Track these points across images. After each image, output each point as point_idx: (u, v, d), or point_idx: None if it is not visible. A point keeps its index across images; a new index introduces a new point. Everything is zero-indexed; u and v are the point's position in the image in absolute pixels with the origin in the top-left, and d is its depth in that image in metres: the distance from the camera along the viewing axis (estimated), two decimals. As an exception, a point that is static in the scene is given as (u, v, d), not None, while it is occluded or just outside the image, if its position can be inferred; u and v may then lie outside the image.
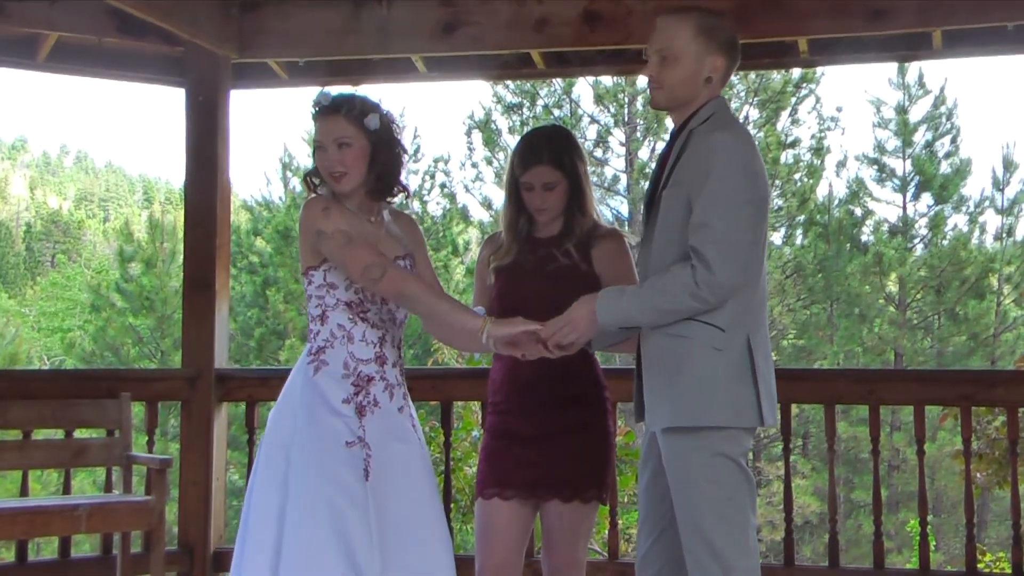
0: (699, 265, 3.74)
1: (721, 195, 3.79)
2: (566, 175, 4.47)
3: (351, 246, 4.05)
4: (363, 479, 4.00)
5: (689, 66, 3.98)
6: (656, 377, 3.96)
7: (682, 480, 3.90)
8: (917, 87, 27.43)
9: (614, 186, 27.33)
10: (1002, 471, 10.15)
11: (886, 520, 22.18)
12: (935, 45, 6.40)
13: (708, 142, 3.89)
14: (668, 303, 3.79)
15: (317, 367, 4.10)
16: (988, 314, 25.97)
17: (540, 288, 4.40)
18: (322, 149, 4.18)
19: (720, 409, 3.85)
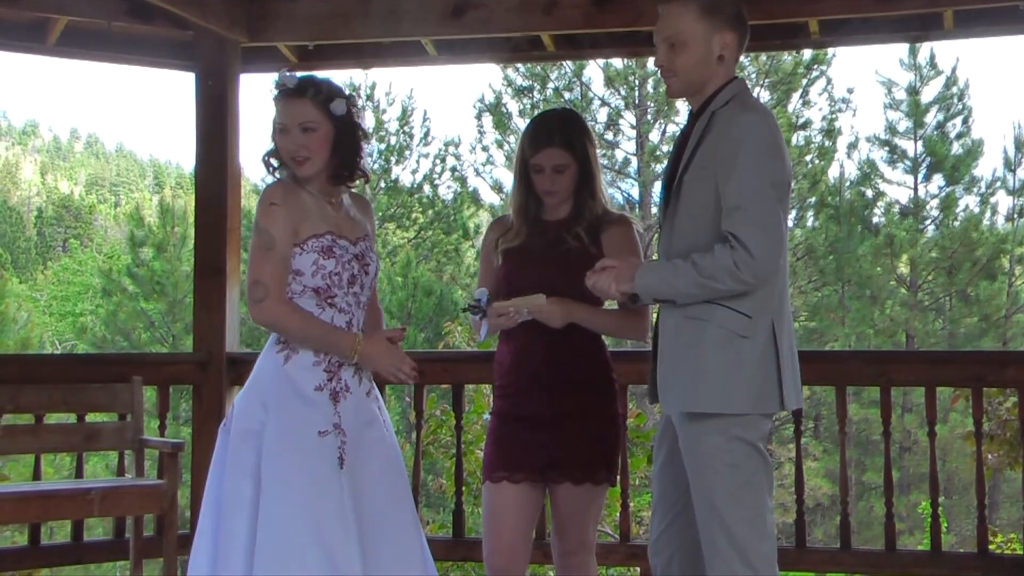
0: (739, 248, 3.71)
1: (753, 177, 3.77)
2: (576, 158, 4.46)
3: (268, 254, 4.03)
4: (337, 468, 3.98)
5: (699, 48, 3.94)
6: (676, 361, 3.93)
7: (699, 464, 3.88)
8: (928, 68, 27.36)
9: (625, 169, 27.30)
10: (1013, 452, 10.14)
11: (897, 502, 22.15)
12: (946, 25, 6.37)
13: (736, 123, 3.85)
14: (711, 282, 3.75)
15: (287, 356, 4.06)
16: (999, 295, 25.93)
17: (549, 271, 4.39)
18: (285, 131, 4.13)
19: (742, 396, 3.82)
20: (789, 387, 3.90)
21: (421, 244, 30.58)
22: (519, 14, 6.50)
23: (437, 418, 10.78)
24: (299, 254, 4.06)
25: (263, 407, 4.02)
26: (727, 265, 3.72)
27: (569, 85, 27.32)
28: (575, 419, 4.43)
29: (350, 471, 4.01)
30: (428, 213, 31.29)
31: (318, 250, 4.06)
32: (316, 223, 4.10)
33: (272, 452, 3.96)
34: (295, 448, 3.96)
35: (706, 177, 3.86)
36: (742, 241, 3.71)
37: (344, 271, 4.11)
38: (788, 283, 4.09)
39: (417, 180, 31.32)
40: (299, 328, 4.05)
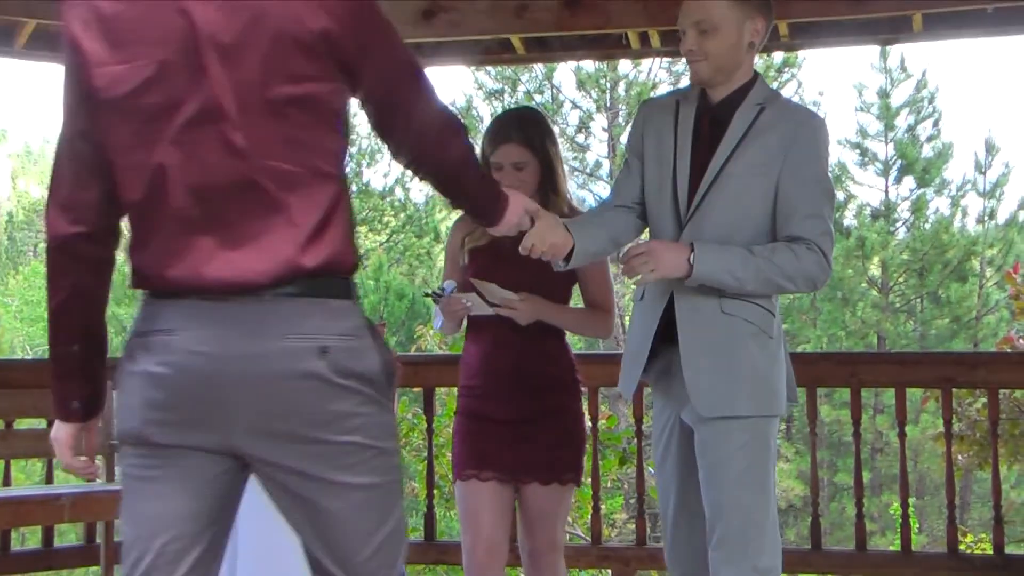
0: (818, 255, 3.68)
1: (827, 185, 3.76)
2: (536, 155, 4.47)
3: None
4: None
5: (731, 34, 3.80)
6: (717, 361, 3.80)
7: (717, 464, 3.79)
8: (899, 71, 27.50)
9: (596, 171, 27.35)
10: (983, 452, 10.19)
11: (869, 503, 22.30)
12: (915, 28, 6.39)
13: (808, 126, 3.80)
14: (784, 281, 3.69)
15: None
16: (970, 297, 26.07)
17: (517, 270, 4.38)
18: None
19: (779, 397, 3.80)
20: (793, 385, 3.92)
21: (393, 248, 30.57)
22: (489, 17, 6.49)
23: (408, 421, 10.77)
24: None
25: None
26: (810, 269, 3.67)
27: (540, 88, 27.37)
28: (542, 420, 4.45)
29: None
30: (400, 216, 31.30)
31: None
32: None
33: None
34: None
35: (763, 174, 3.76)
36: (822, 249, 3.67)
37: None
38: None
39: (388, 184, 31.36)
40: None
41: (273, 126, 2.52)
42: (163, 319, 2.58)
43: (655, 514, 19.53)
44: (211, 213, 2.54)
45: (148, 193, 2.56)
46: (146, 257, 2.61)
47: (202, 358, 2.53)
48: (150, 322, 2.61)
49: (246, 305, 2.54)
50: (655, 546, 6.43)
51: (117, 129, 2.56)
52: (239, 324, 2.54)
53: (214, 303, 2.54)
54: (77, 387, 2.71)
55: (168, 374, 2.55)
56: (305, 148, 2.56)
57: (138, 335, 2.63)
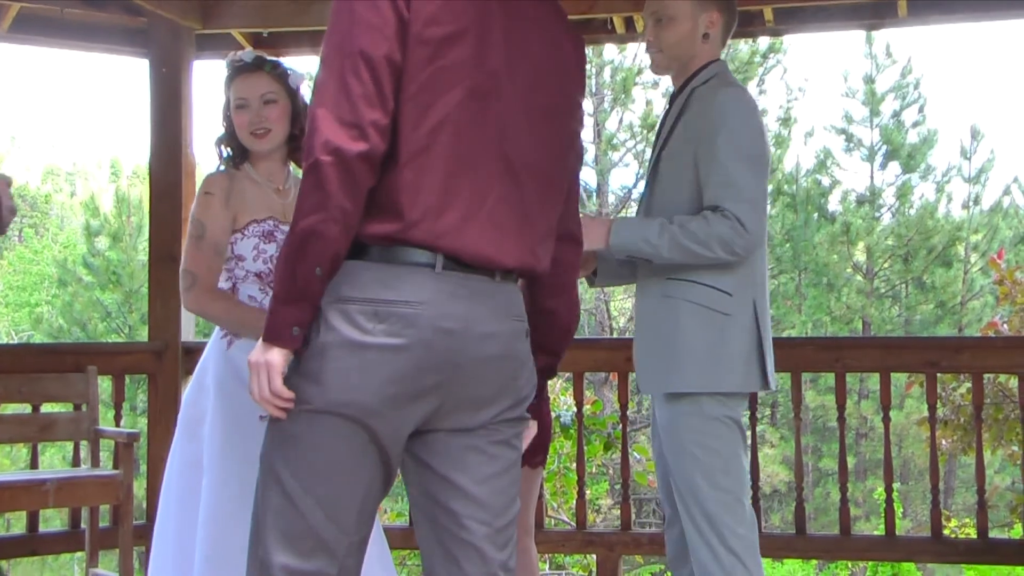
0: (733, 220, 3.73)
1: (738, 152, 3.80)
2: None
3: (199, 243, 4.06)
4: None
5: (685, 24, 3.99)
6: (653, 341, 3.95)
7: (678, 447, 3.91)
8: (885, 57, 27.48)
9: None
10: (967, 437, 10.22)
11: (854, 488, 22.35)
12: (900, 13, 6.40)
13: (716, 99, 3.89)
14: (699, 247, 3.76)
15: (230, 340, 4.09)
16: (955, 282, 26.07)
17: None
18: (244, 107, 4.15)
19: (728, 374, 3.85)
20: (770, 367, 3.93)
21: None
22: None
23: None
24: (240, 240, 4.08)
25: (204, 392, 4.05)
26: (721, 233, 3.73)
27: (526, 73, 27.29)
28: None
29: None
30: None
31: (259, 235, 4.07)
32: (257, 209, 4.11)
33: (212, 438, 3.99)
34: (234, 433, 3.96)
35: (686, 152, 3.89)
36: (735, 215, 3.73)
37: None
38: (768, 264, 4.12)
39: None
40: (223, 313, 4.06)
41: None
42: (406, 289, 2.58)
43: (640, 499, 19.59)
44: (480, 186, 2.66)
45: (429, 141, 2.61)
46: (415, 211, 2.60)
47: (449, 336, 2.59)
48: (385, 290, 2.58)
49: (485, 284, 2.65)
50: (640, 531, 6.45)
51: (421, 66, 2.60)
52: (485, 301, 2.64)
53: (464, 277, 2.62)
54: (302, 313, 2.59)
55: (414, 350, 2.57)
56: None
57: (366, 302, 2.58)
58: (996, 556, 6.08)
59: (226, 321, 4.07)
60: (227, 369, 4.04)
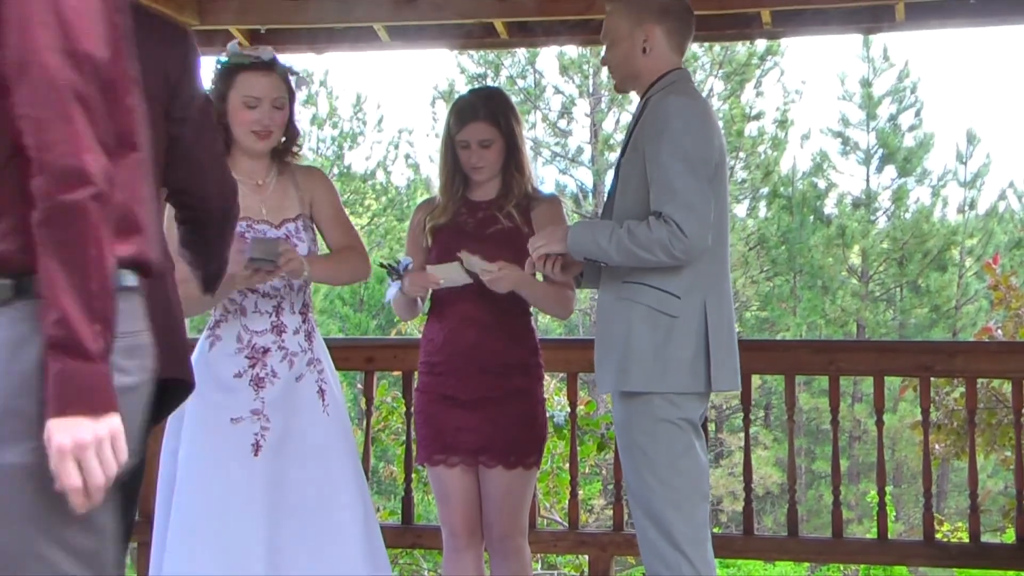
0: (672, 224, 3.78)
1: (679, 157, 3.85)
2: (502, 133, 4.52)
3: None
4: (250, 455, 3.99)
5: (623, 44, 4.11)
6: (607, 342, 4.03)
7: (627, 445, 4.00)
8: (882, 60, 27.53)
9: (578, 157, 27.36)
10: (960, 442, 10.24)
11: (847, 490, 22.37)
12: (898, 17, 6.39)
13: (661, 106, 3.97)
14: (644, 253, 3.82)
15: (212, 342, 4.10)
16: (950, 286, 26.15)
17: (483, 250, 4.42)
18: (254, 106, 4.13)
19: (672, 375, 3.90)
20: (720, 368, 3.96)
21: (374, 231, 30.52)
22: (472, 0, 6.49)
23: (388, 405, 10.75)
24: None
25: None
26: (660, 238, 3.78)
27: (523, 73, 27.36)
28: (507, 403, 4.49)
29: (269, 459, 4.01)
30: (382, 200, 31.26)
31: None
32: None
33: (186, 438, 4.00)
34: (205, 435, 3.99)
35: (637, 160, 3.97)
36: (673, 220, 3.78)
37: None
38: (728, 266, 4.18)
39: (370, 167, 31.33)
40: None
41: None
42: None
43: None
44: None
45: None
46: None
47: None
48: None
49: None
50: (632, 532, 6.42)
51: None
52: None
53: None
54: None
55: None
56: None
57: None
58: (988, 560, 6.07)
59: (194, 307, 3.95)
60: (206, 371, 4.01)
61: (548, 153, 27.62)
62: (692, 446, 3.96)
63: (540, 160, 27.34)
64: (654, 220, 3.81)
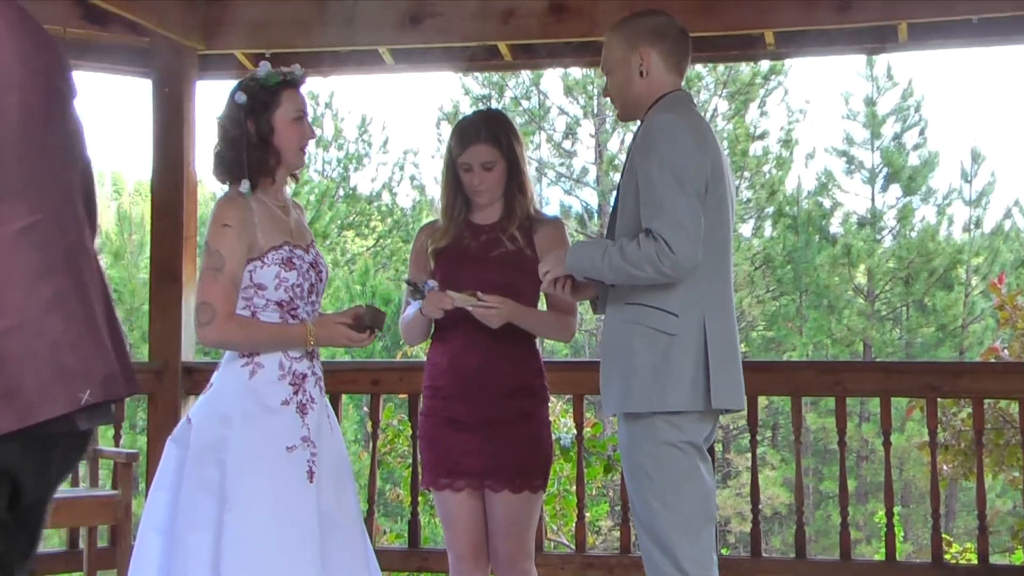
0: (660, 241, 3.79)
1: (666, 174, 3.87)
2: (504, 155, 4.53)
3: (216, 275, 3.98)
4: (306, 482, 3.95)
5: (620, 70, 4.14)
6: (608, 363, 4.06)
7: (631, 467, 4.01)
8: (885, 79, 27.53)
9: (583, 178, 27.36)
10: (968, 462, 10.19)
11: (855, 511, 22.30)
12: (901, 38, 6.42)
13: (650, 125, 4.01)
14: (634, 270, 3.85)
15: (252, 371, 4.00)
16: (956, 305, 26.07)
17: (487, 273, 4.43)
18: (302, 120, 4.14)
19: (672, 394, 3.90)
20: (721, 385, 3.95)
21: (380, 252, 30.52)
22: (476, 23, 6.51)
23: (394, 427, 10.76)
24: (260, 268, 4.01)
25: (225, 422, 3.95)
26: (648, 254, 3.80)
27: (527, 94, 27.39)
28: (513, 426, 4.49)
29: (318, 485, 3.98)
30: (387, 221, 31.25)
31: (279, 262, 4.01)
32: (273, 235, 4.04)
33: (239, 469, 3.89)
34: (263, 464, 3.91)
35: (631, 179, 3.99)
36: (661, 237, 3.80)
37: (304, 281, 4.08)
38: (731, 283, 4.19)
39: (376, 188, 31.29)
40: (248, 338, 4.01)
41: None
42: None
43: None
44: None
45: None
46: None
47: None
48: None
49: None
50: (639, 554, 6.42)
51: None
52: None
53: None
54: None
55: None
56: None
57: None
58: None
59: (253, 344, 4.00)
60: (251, 400, 3.98)
61: (553, 174, 27.65)
62: (697, 469, 3.96)
63: (545, 181, 27.38)
64: (643, 237, 3.83)
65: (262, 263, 4.01)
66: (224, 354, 4.13)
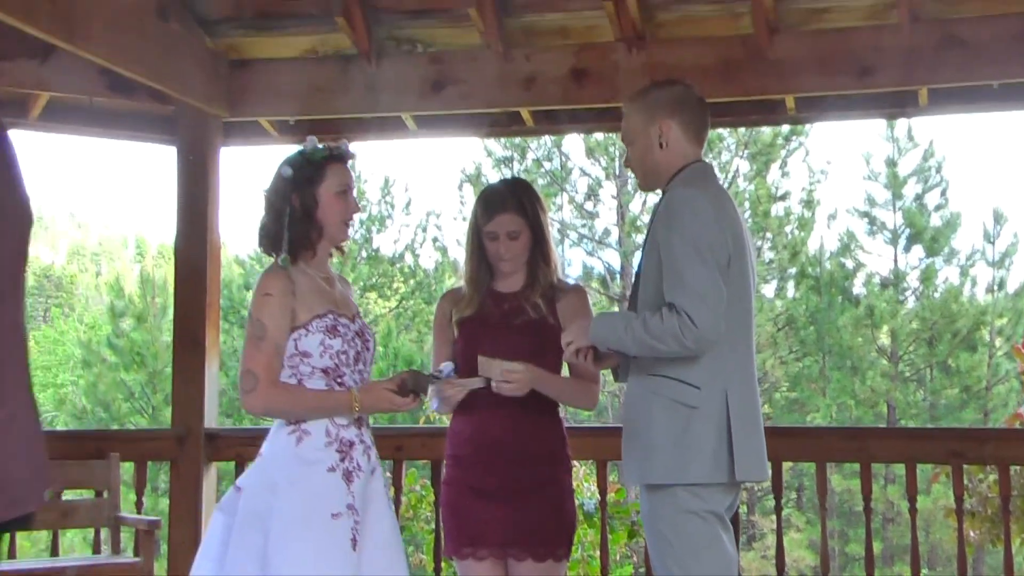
0: (683, 315, 3.81)
1: (688, 248, 3.89)
2: (529, 224, 4.55)
3: (259, 344, 4.01)
4: (350, 550, 3.92)
5: (641, 142, 4.18)
6: (630, 434, 4.06)
7: (652, 535, 4.01)
8: (906, 140, 27.55)
9: (605, 239, 27.39)
10: (995, 529, 10.13)
11: (881, 574, 22.10)
12: (921, 103, 6.43)
13: (672, 199, 4.03)
14: (658, 344, 3.86)
15: (299, 438, 4.00)
16: (980, 367, 25.96)
17: (509, 341, 4.43)
18: (345, 195, 4.15)
19: (694, 465, 3.90)
20: (744, 457, 3.96)
21: (402, 314, 30.57)
22: (498, 89, 6.55)
23: (417, 493, 10.74)
24: (304, 336, 4.02)
25: (272, 490, 3.94)
26: (671, 328, 3.82)
27: (549, 155, 27.50)
28: (536, 494, 4.47)
29: (361, 553, 3.97)
30: (409, 283, 31.32)
31: (323, 330, 4.02)
32: (316, 303, 4.06)
33: (283, 535, 3.88)
34: (308, 531, 3.89)
35: (653, 253, 4.01)
36: (683, 311, 3.82)
37: (350, 348, 4.08)
38: (753, 354, 4.19)
39: (398, 250, 31.38)
40: (292, 404, 4.01)
41: None
42: None
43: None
44: None
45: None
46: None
47: None
48: None
49: None
50: (663, 621, 6.37)
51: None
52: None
53: None
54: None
55: None
56: None
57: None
58: (1025, 649, 6.00)
59: (298, 411, 4.01)
60: (298, 467, 3.98)
61: (575, 235, 27.71)
62: (719, 538, 3.95)
63: (567, 242, 27.42)
64: (666, 311, 3.85)
65: (306, 331, 4.02)
66: (273, 423, 4.14)
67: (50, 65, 6.51)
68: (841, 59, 6.16)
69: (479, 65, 6.54)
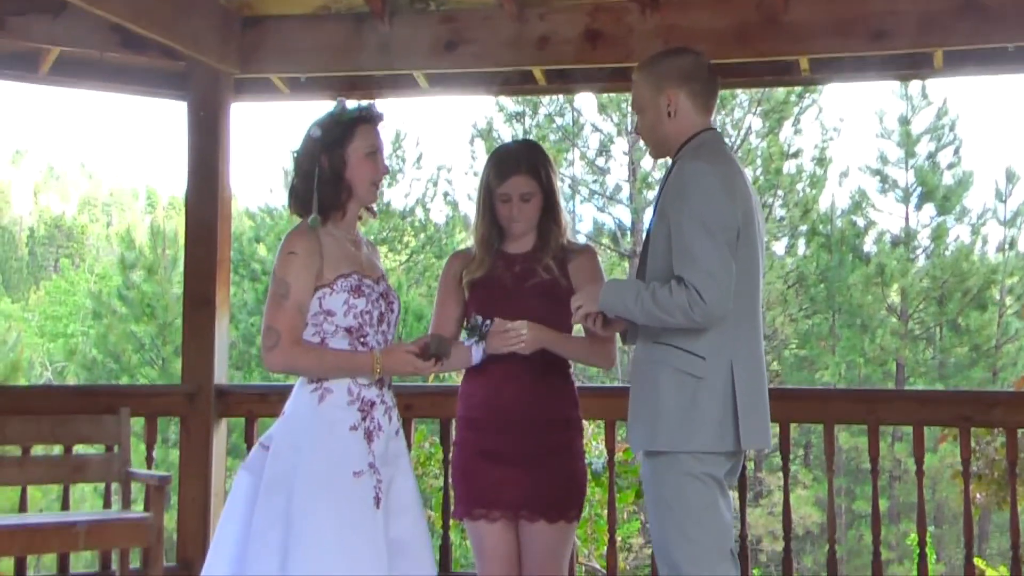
0: (692, 290, 3.83)
1: (698, 223, 3.90)
2: (542, 187, 4.54)
3: (282, 302, 4.01)
4: (373, 508, 3.94)
5: (649, 112, 4.19)
6: (637, 402, 4.10)
7: (653, 500, 4.06)
8: (920, 99, 27.44)
9: (617, 195, 27.36)
10: (1002, 492, 10.14)
11: (887, 531, 22.18)
12: (936, 65, 6.40)
13: (682, 171, 4.03)
14: (666, 316, 3.90)
15: (322, 395, 4.01)
16: (990, 326, 25.96)
17: (523, 303, 4.44)
18: (375, 156, 4.16)
19: (698, 434, 3.94)
20: (748, 427, 4.00)
21: (412, 268, 30.59)
22: (511, 49, 6.53)
23: (425, 451, 10.78)
24: (329, 295, 4.03)
25: (295, 450, 3.96)
26: (680, 303, 3.85)
27: (561, 111, 27.42)
28: (551, 458, 4.49)
29: (384, 512, 3.99)
30: (420, 237, 31.35)
31: (348, 289, 4.03)
32: (341, 264, 4.07)
33: (305, 494, 3.90)
34: (330, 491, 3.90)
35: (663, 226, 4.03)
36: (691, 285, 3.84)
37: (374, 309, 4.09)
38: (760, 326, 4.21)
39: (409, 204, 31.39)
40: (314, 364, 4.03)
41: None
42: None
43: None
44: None
45: None
46: None
47: None
48: None
49: None
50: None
51: None
52: None
53: None
54: None
55: None
56: None
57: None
58: (1031, 612, 6.02)
59: (319, 370, 4.02)
60: (320, 425, 3.99)
61: (586, 191, 27.66)
62: (715, 503, 4.00)
63: (578, 198, 27.39)
64: (675, 284, 3.87)
65: (331, 290, 4.03)
66: (296, 381, 4.15)
67: (61, 20, 6.49)
68: (856, 21, 6.13)
69: (492, 24, 6.51)
